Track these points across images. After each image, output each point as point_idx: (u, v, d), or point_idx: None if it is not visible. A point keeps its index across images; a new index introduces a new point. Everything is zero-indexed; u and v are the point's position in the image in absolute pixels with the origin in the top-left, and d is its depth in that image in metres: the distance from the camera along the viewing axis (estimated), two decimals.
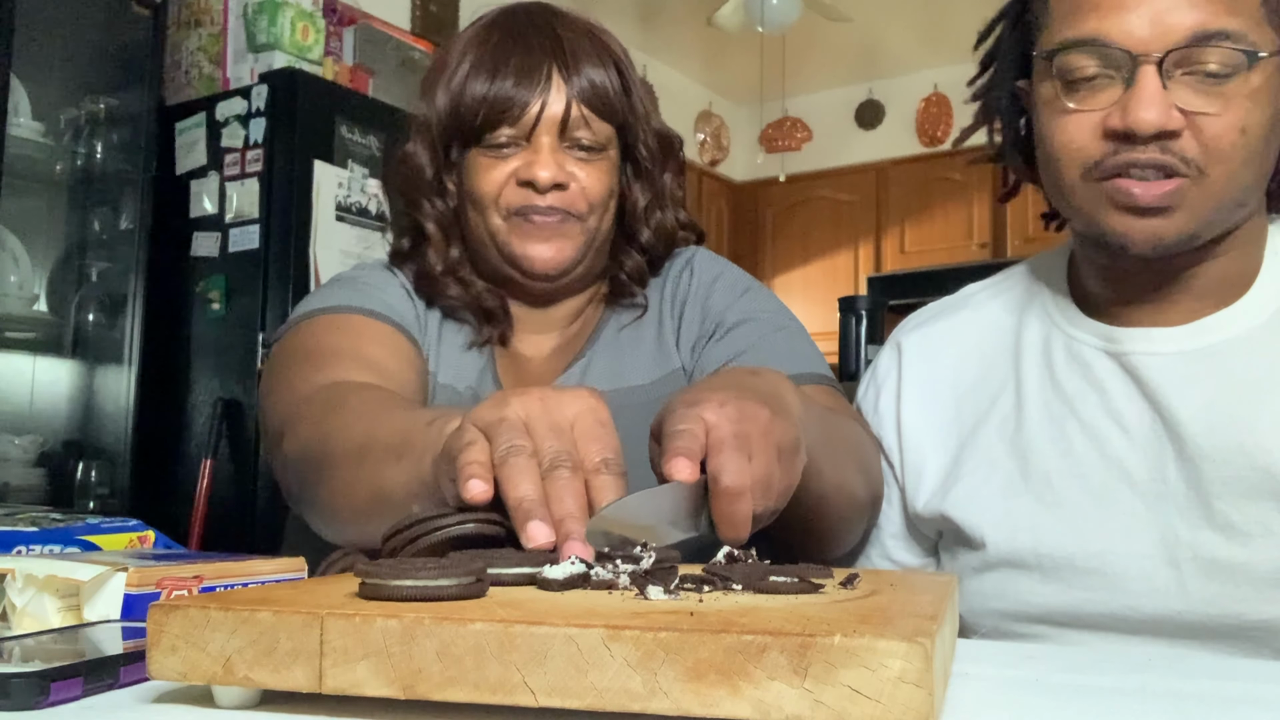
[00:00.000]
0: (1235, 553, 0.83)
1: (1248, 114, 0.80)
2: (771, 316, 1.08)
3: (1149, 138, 0.80)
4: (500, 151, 1.01)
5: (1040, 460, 0.92)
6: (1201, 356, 0.88)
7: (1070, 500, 0.90)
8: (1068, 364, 0.94)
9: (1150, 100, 0.79)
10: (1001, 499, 0.93)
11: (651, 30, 5.52)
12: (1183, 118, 0.80)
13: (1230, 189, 0.82)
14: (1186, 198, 0.82)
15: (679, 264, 1.14)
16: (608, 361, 1.08)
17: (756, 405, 0.67)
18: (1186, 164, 0.81)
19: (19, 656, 0.52)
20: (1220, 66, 0.79)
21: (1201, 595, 0.84)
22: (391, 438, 0.74)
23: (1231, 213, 0.85)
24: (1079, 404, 0.92)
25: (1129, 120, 0.80)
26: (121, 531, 0.87)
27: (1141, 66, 0.80)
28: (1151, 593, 0.85)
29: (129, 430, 2.71)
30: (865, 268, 6.10)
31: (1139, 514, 0.87)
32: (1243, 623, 0.83)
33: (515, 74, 1.00)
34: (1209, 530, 0.84)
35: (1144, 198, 0.82)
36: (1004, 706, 0.49)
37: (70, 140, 2.79)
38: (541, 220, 1.01)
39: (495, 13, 1.07)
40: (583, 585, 0.54)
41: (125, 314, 2.73)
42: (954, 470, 0.97)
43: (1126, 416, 0.89)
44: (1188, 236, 0.84)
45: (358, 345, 0.97)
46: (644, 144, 1.07)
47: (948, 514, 0.95)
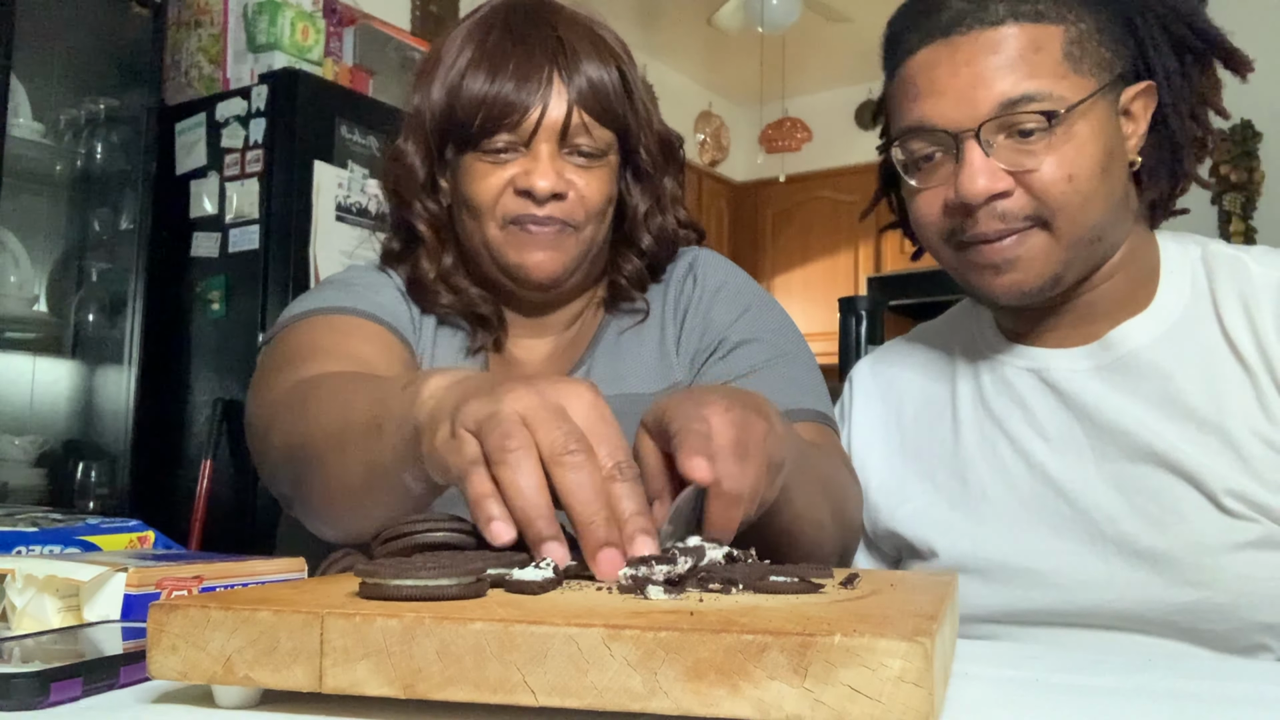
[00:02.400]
0: (1156, 541, 0.89)
1: (1071, 162, 0.87)
2: (775, 339, 1.05)
3: (983, 203, 0.88)
4: (498, 157, 0.98)
5: (976, 476, 1.00)
6: (1114, 368, 0.95)
7: (1004, 509, 0.97)
8: (994, 386, 1.02)
9: (975, 171, 0.87)
10: (945, 513, 1.00)
11: (651, 30, 5.52)
12: (1009, 177, 0.88)
13: (1076, 230, 0.89)
14: (1034, 247, 0.90)
15: (682, 267, 1.11)
16: (608, 367, 1.06)
17: (755, 416, 0.67)
18: (1028, 219, 0.89)
19: (19, 656, 0.52)
20: (1033, 125, 0.87)
21: (1128, 582, 0.89)
22: (367, 413, 0.71)
23: (1090, 248, 0.91)
24: (1006, 421, 1.00)
25: (961, 192, 0.88)
26: (121, 532, 0.87)
27: (964, 142, 0.88)
28: (1083, 586, 0.91)
29: (129, 430, 2.71)
30: (865, 268, 6.11)
31: (1065, 515, 0.94)
32: (1169, 607, 0.88)
33: (515, 76, 0.96)
34: (1131, 521, 0.90)
35: (991, 256, 0.91)
36: (1004, 706, 0.49)
37: (70, 140, 2.79)
38: (538, 230, 0.98)
39: (494, 5, 1.03)
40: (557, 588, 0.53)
41: (125, 314, 2.73)
42: (901, 491, 1.04)
43: (1049, 427, 0.97)
44: (1050, 281, 0.91)
45: (344, 343, 0.94)
46: (645, 148, 1.04)
47: (898, 531, 1.03)
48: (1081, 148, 0.87)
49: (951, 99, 0.88)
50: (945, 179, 0.91)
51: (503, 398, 0.58)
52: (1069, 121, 0.87)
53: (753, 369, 1.02)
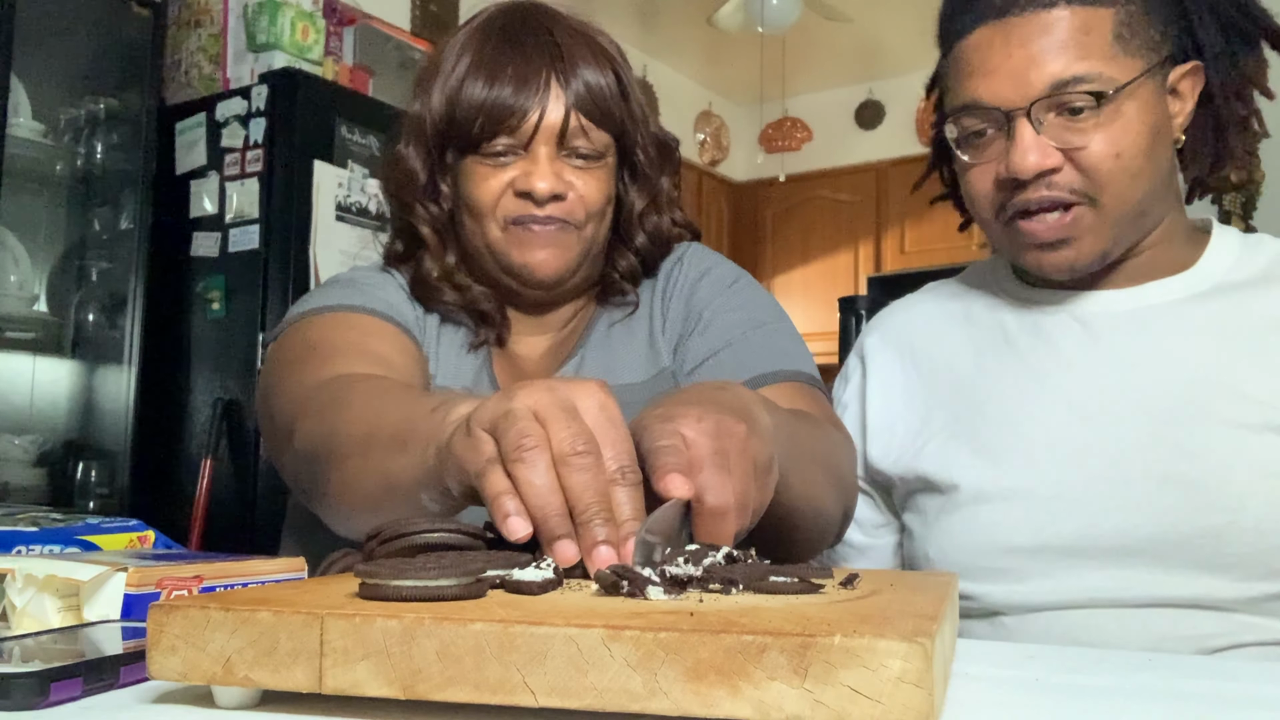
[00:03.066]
0: (1184, 466, 0.91)
1: (1118, 140, 0.91)
2: (753, 311, 1.06)
3: (1032, 179, 0.92)
4: (498, 160, 1.00)
5: (999, 408, 1.02)
6: (1148, 312, 0.99)
7: (1028, 438, 0.99)
8: (1020, 326, 1.05)
9: (1027, 147, 0.91)
10: (965, 445, 1.02)
11: (651, 30, 5.52)
12: (1060, 154, 0.92)
13: (1124, 206, 0.93)
14: (1084, 224, 0.94)
15: (671, 260, 1.13)
16: (599, 359, 1.08)
17: (733, 421, 0.65)
18: (1075, 194, 0.93)
19: (19, 656, 0.52)
20: (1083, 105, 0.91)
21: (1153, 507, 0.91)
22: (395, 427, 0.73)
23: (1136, 224, 0.96)
24: (1031, 356, 1.02)
25: (1012, 168, 0.93)
26: (121, 531, 0.87)
27: (1015, 119, 0.92)
28: (1107, 510, 0.93)
29: (129, 430, 2.71)
30: (865, 268, 6.11)
31: (1090, 442, 0.96)
32: (1194, 530, 0.90)
33: (513, 81, 0.98)
34: (1158, 448, 0.92)
35: (1044, 234, 0.95)
36: (1004, 706, 0.49)
37: (70, 140, 2.79)
38: (540, 229, 1.00)
39: (492, 12, 1.05)
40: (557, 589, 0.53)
41: (125, 314, 2.73)
42: (923, 430, 1.07)
43: (1076, 361, 1.00)
44: (1099, 256, 0.96)
45: (363, 341, 0.95)
46: (642, 149, 1.06)
47: (920, 470, 1.04)
48: (1128, 126, 0.91)
49: (1004, 78, 0.92)
50: (997, 155, 0.95)
51: (516, 394, 0.60)
52: (1117, 101, 0.90)
53: (728, 342, 1.03)
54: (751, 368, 0.99)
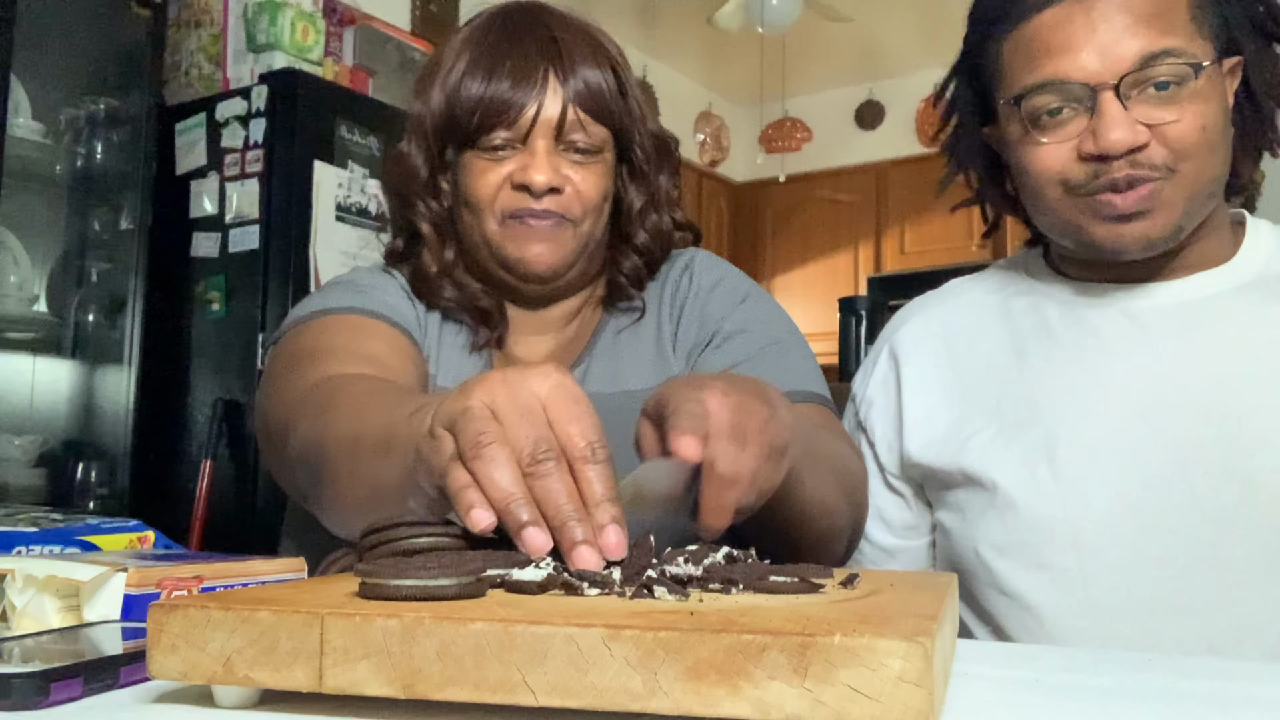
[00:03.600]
0: (1246, 463, 0.90)
1: (1204, 114, 0.90)
2: (769, 328, 1.07)
3: (1120, 155, 0.90)
4: (495, 154, 1.01)
5: (1047, 404, 0.99)
6: (1195, 305, 0.97)
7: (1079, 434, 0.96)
8: (1064, 319, 1.03)
9: (1116, 123, 0.89)
10: (1013, 443, 0.99)
11: (651, 30, 5.52)
12: (1147, 130, 0.90)
13: (1200, 180, 0.92)
14: (1162, 197, 0.91)
15: (678, 267, 1.13)
16: (606, 365, 1.08)
17: (757, 401, 0.67)
18: (1157, 169, 0.90)
19: (19, 656, 0.52)
20: (1171, 79, 0.89)
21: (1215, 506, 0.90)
22: (379, 432, 0.73)
23: (1206, 202, 0.94)
24: (1078, 350, 1.00)
25: (1101, 144, 0.90)
26: (121, 532, 0.87)
27: (1101, 95, 0.90)
28: (1167, 510, 0.91)
29: (129, 430, 2.71)
30: (865, 268, 6.11)
31: (1146, 438, 0.94)
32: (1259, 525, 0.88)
33: (511, 76, 0.99)
34: (1216, 446, 0.91)
35: (1124, 206, 0.92)
36: (1004, 706, 0.49)
37: (70, 140, 2.79)
38: (536, 223, 1.01)
39: (491, 11, 1.06)
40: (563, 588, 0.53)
41: (125, 314, 2.73)
42: (965, 427, 1.04)
43: (1129, 354, 0.97)
44: (1173, 231, 0.93)
45: (357, 342, 0.96)
46: (640, 146, 1.07)
47: (965, 465, 1.02)
48: (1210, 103, 0.91)
49: (1089, 53, 0.90)
50: (1074, 134, 0.92)
51: (472, 393, 0.59)
52: (1205, 77, 0.90)
53: (747, 358, 1.03)
54: None
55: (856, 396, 1.16)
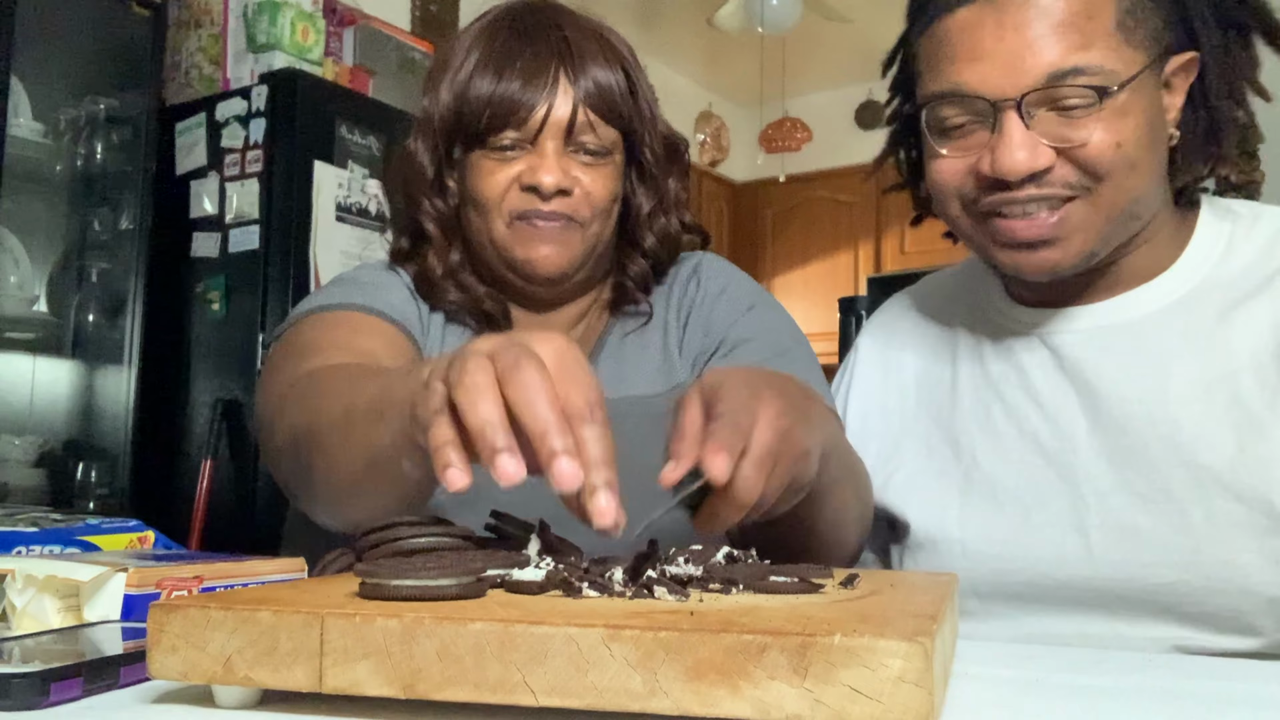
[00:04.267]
0: (1140, 519, 0.86)
1: (1120, 131, 0.82)
2: (775, 336, 1.06)
3: (1021, 180, 0.83)
4: (504, 154, 0.99)
5: (969, 441, 0.97)
6: (1117, 330, 0.92)
7: (992, 477, 0.94)
8: (994, 348, 0.99)
9: (1016, 144, 0.81)
10: (933, 480, 0.97)
11: (651, 30, 5.52)
12: (1051, 152, 0.82)
13: (1120, 199, 0.84)
14: (1073, 221, 0.84)
15: (686, 270, 1.12)
16: (612, 370, 1.07)
17: (804, 433, 0.66)
18: (1070, 187, 0.83)
19: (19, 657, 0.52)
20: (1080, 100, 0.81)
21: (1108, 560, 0.87)
22: (372, 399, 0.70)
23: (1127, 224, 0.87)
24: (1002, 385, 0.97)
25: (998, 167, 0.83)
26: (121, 532, 0.87)
27: (1003, 112, 0.82)
28: (1061, 560, 0.89)
29: (129, 430, 2.70)
30: (865, 268, 6.11)
31: (1051, 483, 0.91)
32: (1147, 586, 0.85)
33: (521, 75, 0.98)
34: (1117, 495, 0.88)
35: (1025, 234, 0.85)
36: (1004, 706, 0.49)
37: (70, 140, 2.79)
38: (544, 225, 1.00)
39: (501, 9, 1.05)
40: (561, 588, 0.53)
41: (125, 314, 2.73)
42: (895, 457, 1.01)
43: (1043, 392, 0.94)
44: (1087, 256, 0.86)
45: (353, 339, 0.95)
46: (650, 148, 1.06)
47: (884, 502, 0.99)
48: (1128, 119, 0.82)
49: (994, 65, 0.82)
50: (977, 147, 0.85)
51: (474, 345, 0.57)
52: (1126, 92, 0.82)
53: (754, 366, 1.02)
54: None
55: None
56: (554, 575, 0.53)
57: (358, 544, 0.61)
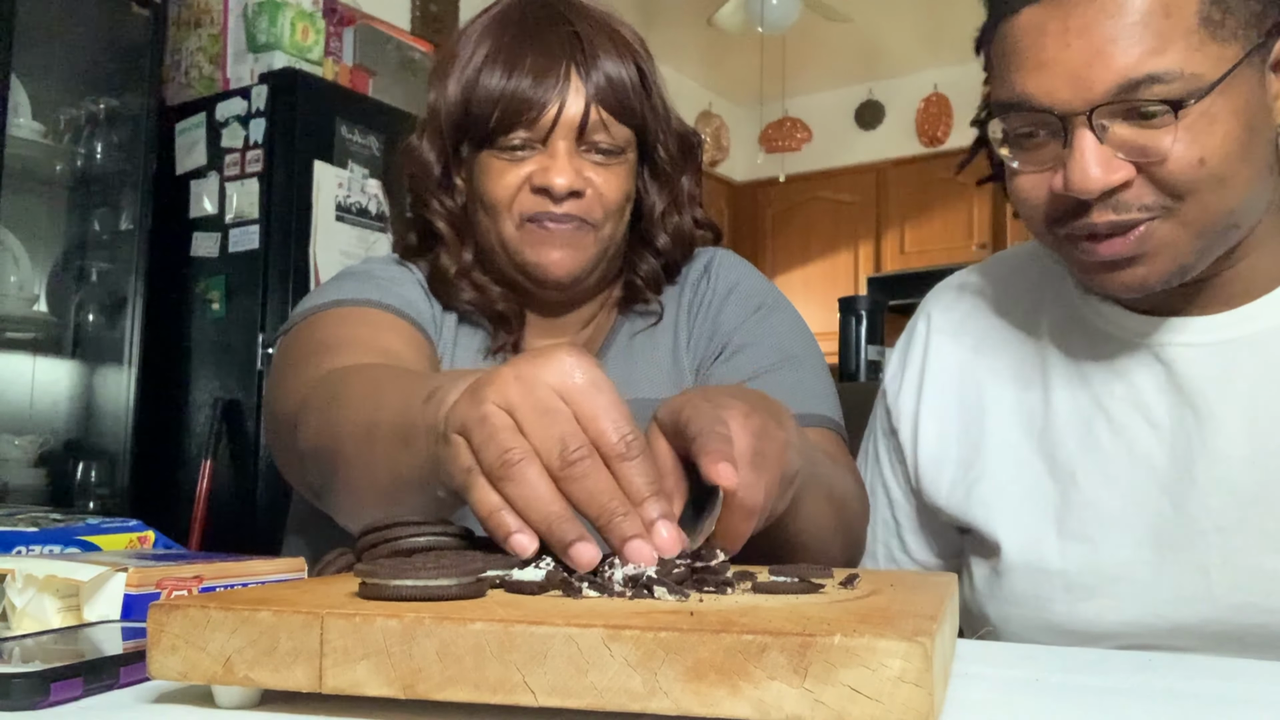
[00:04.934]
0: (1267, 560, 0.79)
1: (1202, 144, 0.73)
2: (782, 341, 1.02)
3: (1097, 198, 0.75)
4: (514, 154, 0.96)
5: (1066, 457, 0.88)
6: (1240, 346, 0.83)
7: (1096, 501, 0.86)
8: (1094, 354, 0.89)
9: (1088, 163, 0.74)
10: (1024, 499, 0.89)
11: (651, 30, 5.51)
12: (1129, 167, 0.75)
13: (1208, 218, 0.76)
14: (1158, 239, 0.76)
15: (697, 268, 1.09)
16: (620, 370, 1.04)
17: (776, 426, 0.66)
18: (1148, 209, 0.76)
19: (19, 656, 0.52)
20: (1156, 111, 0.73)
21: (1230, 602, 0.80)
22: (395, 420, 0.69)
23: (1224, 236, 0.79)
24: (1106, 398, 0.87)
25: (1071, 186, 0.75)
26: (121, 532, 0.87)
27: (1074, 127, 0.74)
28: (1178, 600, 0.81)
29: (129, 430, 2.71)
30: (865, 268, 6.12)
31: (1165, 515, 0.83)
32: (1271, 633, 0.79)
33: (532, 72, 0.94)
34: (1241, 533, 0.80)
35: (1108, 253, 0.78)
36: (1004, 706, 0.49)
37: (70, 140, 2.79)
38: (555, 227, 0.97)
39: (508, 3, 1.01)
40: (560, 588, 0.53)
41: (125, 314, 2.73)
42: (976, 462, 0.93)
43: (1155, 411, 0.85)
44: (1175, 273, 0.79)
45: (373, 335, 0.92)
46: (663, 146, 1.02)
47: (969, 514, 0.92)
48: (1215, 127, 0.73)
49: (1060, 75, 0.74)
50: (1051, 160, 0.77)
51: (486, 396, 0.55)
52: (1210, 97, 0.72)
53: (756, 373, 0.99)
54: None
55: (888, 395, 1.03)
56: (554, 575, 0.53)
57: (357, 544, 0.61)
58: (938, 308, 1.02)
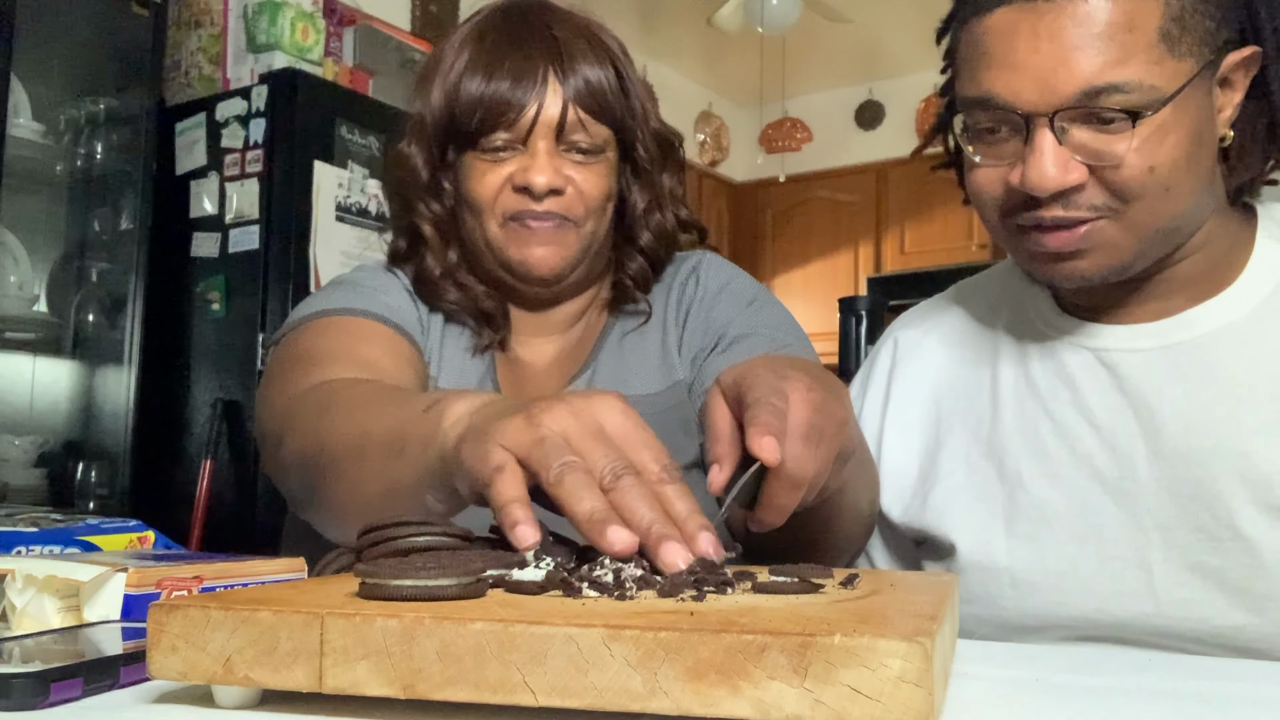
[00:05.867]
0: (1207, 557, 0.81)
1: (1153, 153, 0.78)
2: (776, 332, 1.05)
3: (1050, 196, 0.80)
4: (496, 155, 1.00)
5: (1013, 461, 0.92)
6: (1181, 351, 0.86)
7: (1041, 501, 0.89)
8: (1042, 361, 0.93)
9: (1046, 162, 0.78)
10: (976, 501, 0.92)
11: (651, 30, 5.52)
12: (1084, 170, 0.79)
13: (1152, 221, 0.81)
14: (1102, 237, 0.81)
15: (685, 270, 1.12)
16: (612, 370, 1.07)
17: (837, 403, 0.67)
18: (1096, 209, 0.80)
19: (19, 657, 0.52)
20: (1115, 118, 0.77)
21: (1171, 599, 0.82)
22: (388, 432, 0.72)
23: (1165, 238, 0.83)
24: (1051, 402, 0.91)
25: (1028, 183, 0.80)
26: (121, 532, 0.87)
27: (1035, 127, 0.79)
28: (1120, 595, 0.84)
29: (129, 430, 2.71)
30: (865, 268, 6.12)
31: (1109, 513, 0.86)
32: (1212, 628, 0.81)
33: (511, 75, 0.98)
34: (1181, 532, 0.83)
35: (1054, 246, 0.82)
36: (1004, 706, 0.49)
37: (70, 140, 2.79)
38: (538, 225, 1.00)
39: (491, 10, 1.05)
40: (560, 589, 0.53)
41: (125, 314, 2.73)
42: (931, 472, 0.97)
43: (1098, 413, 0.89)
44: (1116, 269, 0.83)
45: (352, 346, 0.95)
46: (642, 145, 1.06)
47: (924, 521, 0.95)
48: (1167, 138, 0.78)
49: (1027, 77, 0.78)
50: (1010, 156, 0.82)
51: (542, 420, 0.59)
52: (1166, 108, 0.77)
53: None
54: None
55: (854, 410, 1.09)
56: (554, 575, 0.53)
57: (359, 542, 0.61)
58: (903, 331, 1.08)
